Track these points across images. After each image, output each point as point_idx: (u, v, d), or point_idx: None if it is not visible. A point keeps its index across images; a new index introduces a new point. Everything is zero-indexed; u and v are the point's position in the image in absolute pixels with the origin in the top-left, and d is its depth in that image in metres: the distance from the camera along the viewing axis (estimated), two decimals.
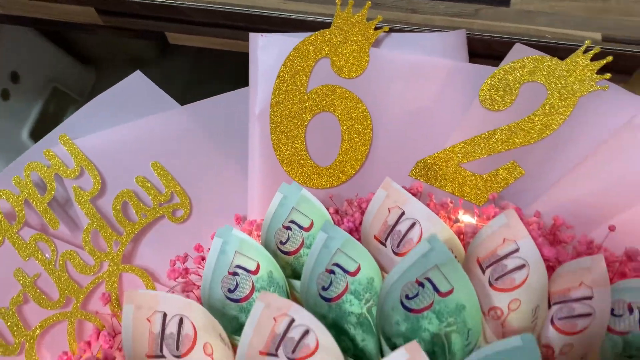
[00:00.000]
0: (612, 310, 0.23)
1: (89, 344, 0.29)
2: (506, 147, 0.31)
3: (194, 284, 0.29)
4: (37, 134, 1.23)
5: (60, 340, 0.29)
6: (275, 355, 0.22)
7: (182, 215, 0.31)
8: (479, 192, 0.31)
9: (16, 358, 0.28)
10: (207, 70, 0.76)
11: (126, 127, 0.31)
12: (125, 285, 0.30)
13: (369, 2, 0.30)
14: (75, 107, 1.41)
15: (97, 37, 1.35)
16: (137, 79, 0.33)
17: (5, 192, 0.28)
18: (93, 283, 0.29)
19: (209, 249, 0.26)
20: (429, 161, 0.31)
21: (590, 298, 0.23)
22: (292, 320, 0.22)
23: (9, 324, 0.28)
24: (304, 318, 0.22)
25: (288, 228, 0.28)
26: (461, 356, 0.24)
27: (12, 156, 0.90)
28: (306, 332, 0.22)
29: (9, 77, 1.14)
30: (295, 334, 0.22)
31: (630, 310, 0.23)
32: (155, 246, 0.31)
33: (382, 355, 0.25)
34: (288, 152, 0.32)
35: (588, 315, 0.23)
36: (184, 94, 0.48)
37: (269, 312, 0.22)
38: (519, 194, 0.31)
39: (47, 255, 0.29)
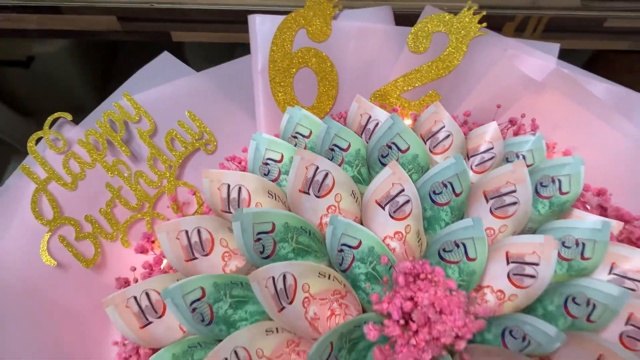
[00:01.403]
0: (541, 184, 0.38)
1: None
2: (427, 80, 0.46)
3: None
4: None
5: (140, 232, 0.40)
6: (308, 193, 0.36)
7: (211, 147, 0.44)
8: (413, 110, 0.46)
9: (114, 243, 0.39)
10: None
11: (167, 86, 0.43)
12: (179, 195, 0.42)
13: None
14: (17, 157, 1.46)
15: (32, 88, 1.42)
16: (165, 58, 0.45)
17: (91, 130, 0.40)
18: (158, 193, 0.41)
19: (246, 149, 0.39)
20: (379, 92, 0.46)
21: (514, 191, 0.37)
22: (317, 168, 0.35)
23: (107, 219, 0.39)
24: (325, 165, 0.35)
25: (295, 137, 0.42)
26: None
27: None
28: (326, 175, 0.36)
29: None
30: (319, 177, 0.36)
31: (553, 181, 0.38)
32: (196, 169, 0.44)
33: None
34: (282, 96, 0.45)
35: (514, 203, 0.37)
36: None
37: (303, 163, 0.35)
38: None
39: (125, 174, 0.40)
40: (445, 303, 0.28)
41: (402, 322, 0.28)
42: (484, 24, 0.45)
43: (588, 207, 0.41)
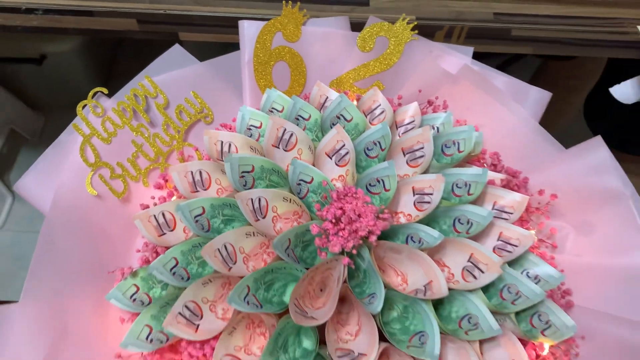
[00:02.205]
0: (445, 145, 0.53)
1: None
2: (373, 73, 0.61)
3: None
4: (1, 166, 1.41)
5: (156, 177, 0.55)
6: (278, 147, 0.50)
7: (209, 119, 0.58)
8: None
9: (137, 183, 0.53)
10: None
11: (177, 71, 0.58)
12: (185, 152, 0.57)
13: (299, 3, 0.60)
14: (27, 147, 1.59)
15: (42, 84, 1.55)
16: (176, 51, 0.60)
17: (121, 102, 0.54)
18: (169, 150, 0.56)
19: (235, 119, 0.54)
20: (335, 80, 0.61)
21: (422, 148, 0.52)
22: (285, 129, 0.50)
23: (132, 166, 0.53)
24: (291, 127, 0.50)
25: (271, 111, 0.56)
26: None
27: None
28: (291, 135, 0.50)
29: None
30: (286, 136, 0.50)
31: (454, 143, 0.53)
32: (197, 134, 0.58)
33: None
34: (263, 82, 0.60)
35: (422, 156, 0.51)
36: None
37: (275, 125, 0.50)
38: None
39: (145, 134, 0.55)
40: (362, 210, 0.42)
41: (334, 221, 0.42)
42: (416, 31, 0.60)
43: (485, 165, 0.56)
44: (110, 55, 1.72)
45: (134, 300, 0.46)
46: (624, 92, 0.66)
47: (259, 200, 0.45)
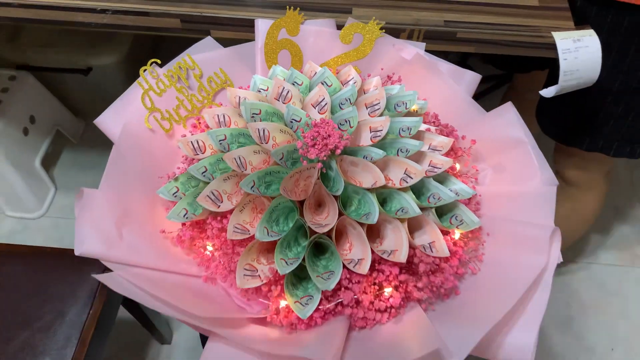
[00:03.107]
0: (397, 105, 0.75)
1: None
2: (351, 60, 0.83)
3: None
4: (45, 163, 1.65)
5: (190, 124, 0.77)
6: (278, 100, 0.72)
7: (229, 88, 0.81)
8: None
9: (178, 125, 0.75)
10: None
11: (209, 53, 0.81)
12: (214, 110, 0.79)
13: (298, 9, 0.83)
14: (69, 147, 1.83)
15: (85, 93, 1.80)
16: (209, 40, 0.83)
17: (170, 70, 0.77)
18: (202, 105, 0.78)
19: (249, 86, 0.77)
20: (323, 64, 0.83)
21: (379, 103, 0.74)
22: (284, 88, 0.72)
23: (175, 113, 0.75)
24: (287, 86, 0.72)
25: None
26: None
27: (27, 178, 1.37)
28: (288, 92, 0.72)
29: (29, 119, 1.59)
30: (284, 93, 0.72)
31: (403, 103, 0.76)
32: (222, 97, 0.80)
33: None
34: (271, 64, 0.83)
35: (379, 109, 0.74)
36: None
37: (276, 84, 0.72)
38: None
39: (185, 93, 0.77)
40: (331, 132, 0.64)
41: (311, 139, 0.64)
42: (384, 30, 0.82)
43: (431, 123, 0.77)
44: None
45: (175, 195, 0.68)
46: (548, 92, 0.87)
47: (264, 130, 0.66)
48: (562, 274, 1.62)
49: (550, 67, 1.09)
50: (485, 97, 1.88)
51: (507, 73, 1.83)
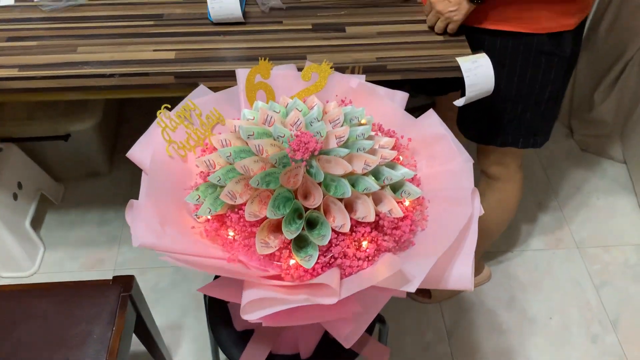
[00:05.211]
0: (351, 120, 1.02)
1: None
2: (312, 93, 1.10)
3: None
4: (33, 224, 1.82)
5: (199, 150, 1.01)
6: (265, 124, 0.97)
7: (222, 122, 1.06)
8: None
9: (190, 152, 0.99)
10: None
11: (205, 97, 1.06)
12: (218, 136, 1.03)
13: (267, 58, 1.10)
14: (52, 208, 1.99)
15: (64, 157, 1.98)
16: (202, 88, 1.08)
17: (177, 111, 1.01)
18: (204, 137, 1.02)
19: (239, 118, 1.01)
20: (291, 97, 1.10)
21: (339, 119, 1.01)
22: (267, 114, 0.97)
23: (187, 143, 0.99)
24: (271, 113, 0.97)
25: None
26: None
27: (19, 239, 1.58)
28: (271, 117, 0.98)
29: (17, 185, 1.77)
30: (268, 119, 0.98)
31: (356, 118, 1.03)
32: (216, 129, 1.05)
33: None
34: (251, 100, 1.08)
35: (339, 123, 1.01)
36: None
37: (263, 112, 0.97)
38: None
39: (191, 127, 1.01)
40: (310, 140, 0.89)
41: (296, 146, 0.89)
42: (333, 69, 1.10)
43: (378, 131, 1.04)
44: (114, 136, 2.19)
45: (198, 200, 0.91)
46: (459, 102, 1.17)
47: (259, 145, 0.91)
48: (501, 262, 1.90)
49: (462, 88, 1.40)
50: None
51: (431, 102, 2.18)
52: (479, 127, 1.41)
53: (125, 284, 1.27)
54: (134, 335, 1.34)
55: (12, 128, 1.86)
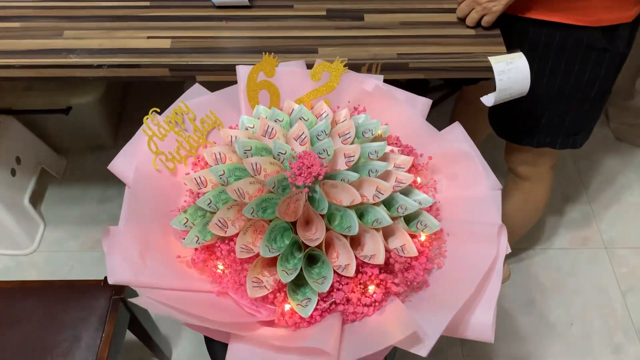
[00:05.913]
0: (364, 132, 0.89)
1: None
2: (321, 94, 0.97)
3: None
4: (33, 200, 1.74)
5: (190, 162, 0.89)
6: (265, 136, 0.85)
7: (219, 128, 0.94)
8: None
9: (180, 164, 0.88)
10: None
11: (199, 98, 0.94)
12: (211, 149, 0.91)
13: (272, 54, 0.96)
14: (53, 183, 1.91)
15: (65, 130, 1.89)
16: (197, 87, 0.96)
17: (168, 116, 0.89)
18: (197, 145, 0.91)
19: (237, 125, 0.89)
20: (298, 100, 0.97)
21: (349, 132, 0.88)
22: (268, 125, 0.85)
23: (177, 153, 0.88)
24: (272, 124, 0.85)
25: (258, 119, 0.92)
26: None
27: (18, 216, 1.48)
28: (272, 129, 0.85)
29: (15, 160, 1.68)
30: (269, 130, 0.85)
31: (369, 130, 0.90)
32: (213, 136, 0.93)
33: None
34: (253, 102, 0.96)
35: (350, 137, 0.88)
36: None
37: (262, 123, 0.85)
38: None
39: (183, 135, 0.90)
40: (313, 162, 0.77)
41: (298, 169, 0.77)
42: (347, 67, 0.97)
43: (393, 145, 0.92)
44: (120, 106, 2.08)
45: (185, 225, 0.80)
46: (487, 100, 1.03)
47: (256, 164, 0.80)
48: (521, 260, 1.79)
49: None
50: (438, 105, 2.05)
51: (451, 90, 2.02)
52: (512, 125, 1.27)
53: (117, 285, 1.19)
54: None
55: (9, 99, 1.76)
